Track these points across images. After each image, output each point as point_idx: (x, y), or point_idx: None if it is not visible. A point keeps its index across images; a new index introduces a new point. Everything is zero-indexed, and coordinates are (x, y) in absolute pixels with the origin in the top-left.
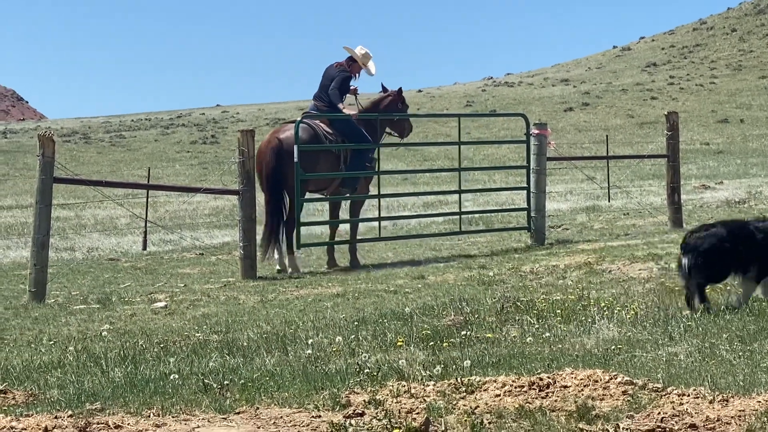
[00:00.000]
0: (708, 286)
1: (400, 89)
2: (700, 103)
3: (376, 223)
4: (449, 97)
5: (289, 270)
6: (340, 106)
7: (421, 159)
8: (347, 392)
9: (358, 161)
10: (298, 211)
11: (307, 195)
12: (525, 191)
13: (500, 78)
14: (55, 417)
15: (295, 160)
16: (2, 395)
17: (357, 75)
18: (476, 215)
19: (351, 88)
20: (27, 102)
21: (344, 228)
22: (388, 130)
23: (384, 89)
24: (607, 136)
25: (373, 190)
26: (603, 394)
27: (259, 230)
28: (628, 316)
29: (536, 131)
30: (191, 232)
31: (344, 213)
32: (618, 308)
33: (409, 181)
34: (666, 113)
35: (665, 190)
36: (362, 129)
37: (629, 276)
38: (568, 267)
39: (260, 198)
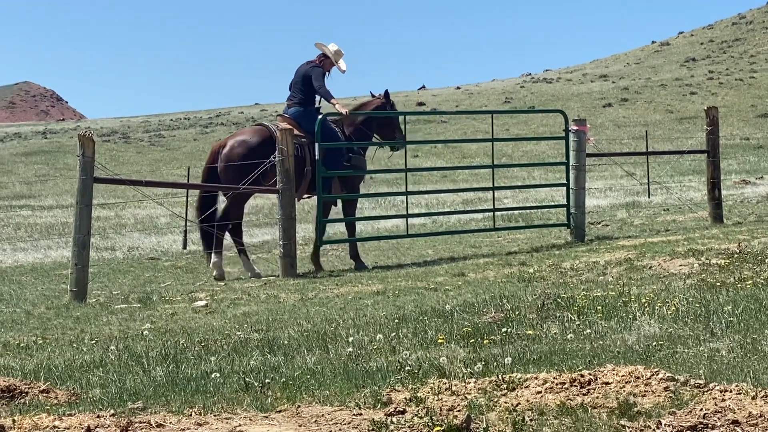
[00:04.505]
0: None
1: (386, 92)
2: (739, 97)
3: (411, 221)
4: (487, 93)
5: (215, 273)
6: (333, 101)
7: (460, 156)
8: (388, 390)
9: (332, 162)
10: (320, 210)
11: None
12: (564, 188)
13: (538, 74)
14: (98, 416)
15: (317, 157)
16: (45, 394)
17: (328, 72)
18: (515, 212)
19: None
20: (67, 102)
21: (340, 228)
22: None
23: (372, 95)
24: (646, 131)
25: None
26: (644, 391)
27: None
28: (669, 312)
29: (575, 127)
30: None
31: (339, 214)
32: (659, 304)
33: (448, 178)
34: (705, 108)
35: (705, 185)
36: (333, 127)
37: (670, 272)
38: (609, 263)
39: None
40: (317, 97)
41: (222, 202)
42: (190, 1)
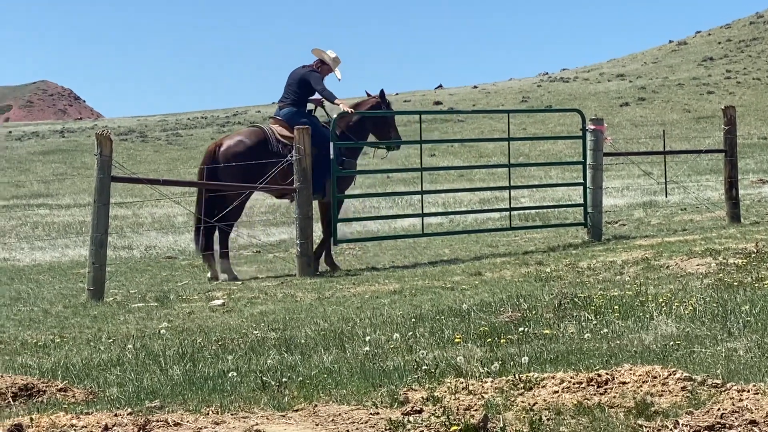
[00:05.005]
0: None
1: (382, 92)
2: (757, 97)
3: (428, 220)
4: (504, 92)
5: (222, 277)
6: (338, 101)
7: (476, 155)
8: (405, 389)
9: (323, 164)
10: (335, 210)
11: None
12: (581, 187)
13: (555, 73)
14: (115, 415)
15: (331, 156)
16: (62, 393)
17: (324, 78)
18: (532, 211)
19: (317, 99)
20: (84, 101)
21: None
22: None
23: (367, 95)
24: (663, 131)
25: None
26: (662, 390)
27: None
28: (686, 312)
29: (593, 127)
30: (247, 229)
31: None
32: (676, 304)
33: (465, 177)
34: (723, 107)
35: (723, 185)
36: (324, 130)
37: (687, 271)
38: (626, 263)
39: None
40: (318, 99)
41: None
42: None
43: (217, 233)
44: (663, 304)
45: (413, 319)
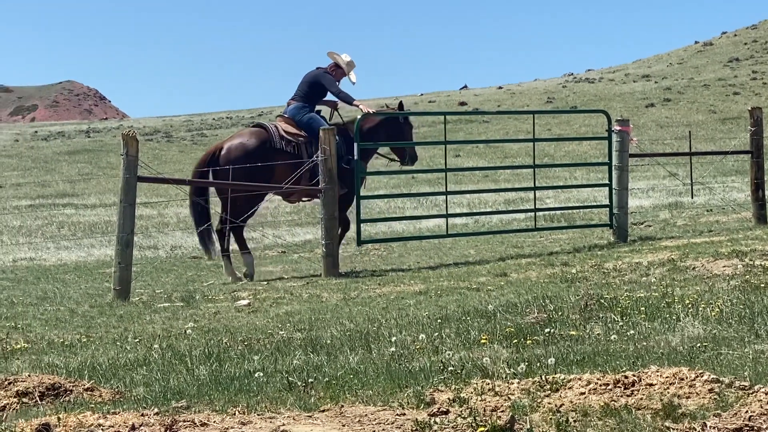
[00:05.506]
0: None
1: (400, 103)
2: None
3: (453, 221)
4: (529, 93)
5: (230, 278)
6: (356, 102)
7: (501, 156)
8: (431, 390)
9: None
10: (359, 210)
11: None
12: (606, 188)
13: (581, 74)
14: (142, 414)
15: (356, 157)
16: (89, 392)
17: (338, 82)
18: (557, 212)
19: (332, 101)
20: (110, 101)
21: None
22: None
23: (386, 107)
24: (690, 132)
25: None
26: (689, 392)
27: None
28: (713, 314)
29: (619, 128)
30: (273, 230)
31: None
32: (703, 305)
33: (489, 178)
34: (749, 108)
35: (749, 186)
36: (327, 125)
37: (713, 273)
38: (652, 264)
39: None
40: (333, 102)
41: (215, 204)
42: (232, 1)
43: (228, 234)
44: (689, 305)
45: (439, 320)
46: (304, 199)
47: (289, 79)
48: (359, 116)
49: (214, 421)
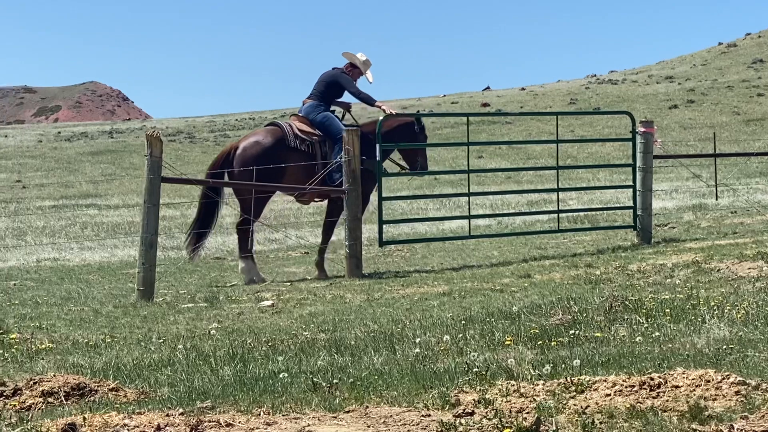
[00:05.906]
0: None
1: (417, 113)
2: None
3: (476, 222)
4: (552, 94)
5: (246, 279)
6: (378, 103)
7: (524, 157)
8: (456, 391)
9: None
10: (381, 211)
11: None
12: (630, 189)
13: (604, 75)
14: (167, 414)
15: (378, 158)
16: (114, 393)
17: (356, 82)
18: (581, 213)
19: (346, 102)
20: (132, 102)
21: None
22: (393, 156)
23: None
24: (714, 133)
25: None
26: (715, 395)
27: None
28: (738, 316)
29: (643, 129)
30: (296, 230)
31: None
32: (728, 307)
33: (512, 179)
34: None
35: None
36: (341, 125)
37: (738, 275)
38: (676, 266)
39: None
40: (346, 103)
41: (231, 206)
42: (255, 2)
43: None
44: (715, 307)
45: (463, 321)
46: (316, 199)
47: (311, 81)
48: (381, 117)
49: (240, 422)
